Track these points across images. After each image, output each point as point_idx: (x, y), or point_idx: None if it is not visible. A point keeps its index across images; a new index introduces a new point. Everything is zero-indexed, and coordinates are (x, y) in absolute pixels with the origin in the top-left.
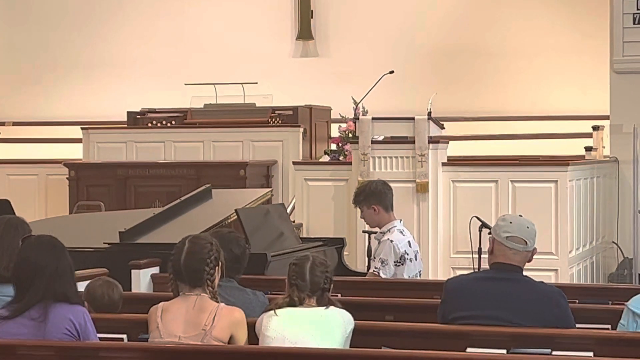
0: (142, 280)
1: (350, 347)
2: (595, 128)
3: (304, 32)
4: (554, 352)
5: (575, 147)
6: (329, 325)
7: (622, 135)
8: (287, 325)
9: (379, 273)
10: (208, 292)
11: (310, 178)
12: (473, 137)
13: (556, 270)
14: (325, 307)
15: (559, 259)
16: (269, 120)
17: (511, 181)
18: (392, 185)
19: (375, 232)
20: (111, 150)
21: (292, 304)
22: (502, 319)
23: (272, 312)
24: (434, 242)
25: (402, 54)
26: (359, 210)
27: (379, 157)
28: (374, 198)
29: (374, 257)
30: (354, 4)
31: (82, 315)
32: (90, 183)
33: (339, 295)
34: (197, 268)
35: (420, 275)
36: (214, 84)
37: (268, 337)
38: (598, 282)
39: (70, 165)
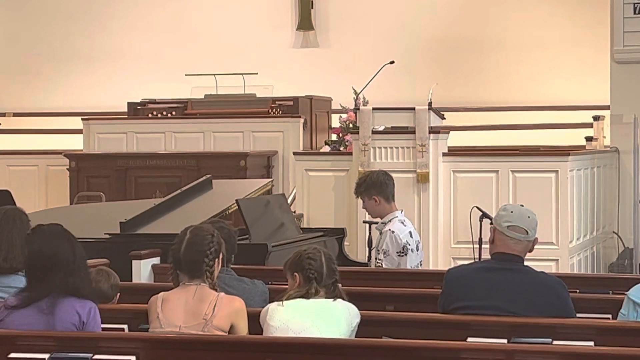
0: (142, 270)
1: None
2: (595, 118)
3: (305, 23)
4: (555, 342)
5: (575, 137)
6: (335, 318)
7: (623, 125)
8: (292, 316)
9: (381, 265)
10: (207, 283)
11: (310, 168)
12: (473, 128)
13: (557, 260)
14: (332, 299)
15: (560, 249)
16: (270, 110)
17: (512, 171)
18: (392, 175)
19: (376, 223)
20: (112, 141)
21: (305, 296)
22: (502, 308)
23: (279, 302)
24: (434, 232)
25: (403, 44)
26: (359, 200)
27: (380, 148)
28: (375, 189)
29: (377, 249)
30: None
31: (88, 310)
32: (90, 174)
33: (339, 285)
34: (197, 259)
35: (421, 265)
36: (214, 74)
37: (272, 326)
38: (599, 272)
39: (71, 156)
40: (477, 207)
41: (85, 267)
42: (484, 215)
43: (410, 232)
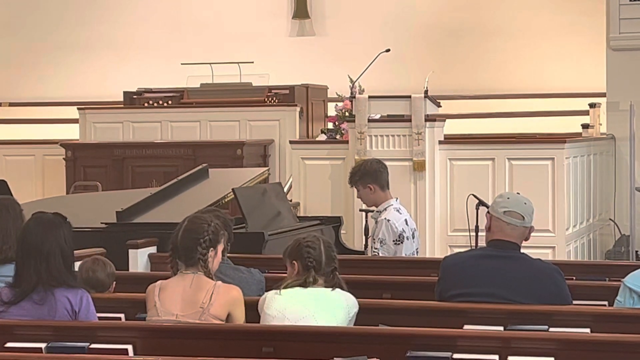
0: (139, 259)
1: None
2: (592, 105)
3: (300, 11)
4: (551, 329)
5: (572, 125)
6: (332, 307)
7: (619, 113)
8: (289, 305)
9: (378, 254)
10: (202, 272)
11: (307, 157)
12: (470, 115)
13: (553, 247)
14: (331, 289)
15: (556, 237)
16: (266, 99)
17: (508, 159)
18: (388, 163)
19: (372, 211)
20: (108, 131)
21: (303, 285)
22: (499, 296)
23: (276, 291)
24: (431, 220)
25: (399, 32)
26: (355, 189)
27: (376, 136)
28: (369, 177)
29: (373, 238)
30: None
31: (80, 298)
32: (87, 163)
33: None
34: (190, 246)
35: (417, 253)
36: (210, 63)
37: (269, 315)
38: (595, 260)
39: (67, 145)
40: (473, 194)
41: (70, 259)
42: (481, 203)
43: (405, 220)
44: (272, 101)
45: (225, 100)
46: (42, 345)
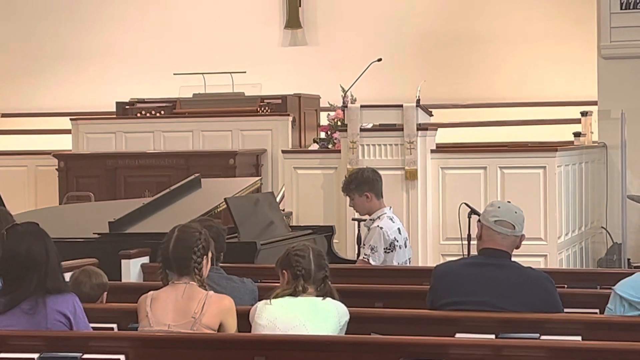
0: (132, 270)
1: None
2: (583, 114)
3: (292, 21)
4: (543, 337)
5: (563, 133)
6: (323, 316)
7: (610, 121)
8: (279, 314)
9: (368, 260)
10: (196, 281)
11: (299, 166)
12: (461, 124)
13: (545, 255)
14: (322, 298)
15: (548, 245)
16: (258, 109)
17: (500, 167)
18: (381, 172)
19: (365, 220)
20: (100, 141)
21: (293, 294)
22: (490, 304)
23: (267, 301)
24: (423, 229)
25: (391, 41)
26: (347, 198)
27: (368, 145)
28: (366, 185)
29: (364, 244)
30: None
31: (71, 303)
32: (79, 174)
33: (329, 282)
34: (185, 256)
35: (409, 262)
36: (202, 73)
37: (260, 325)
38: (587, 267)
39: (60, 156)
40: (465, 203)
41: (59, 266)
42: (473, 211)
43: (398, 229)
44: (265, 111)
45: (217, 110)
46: (35, 355)
